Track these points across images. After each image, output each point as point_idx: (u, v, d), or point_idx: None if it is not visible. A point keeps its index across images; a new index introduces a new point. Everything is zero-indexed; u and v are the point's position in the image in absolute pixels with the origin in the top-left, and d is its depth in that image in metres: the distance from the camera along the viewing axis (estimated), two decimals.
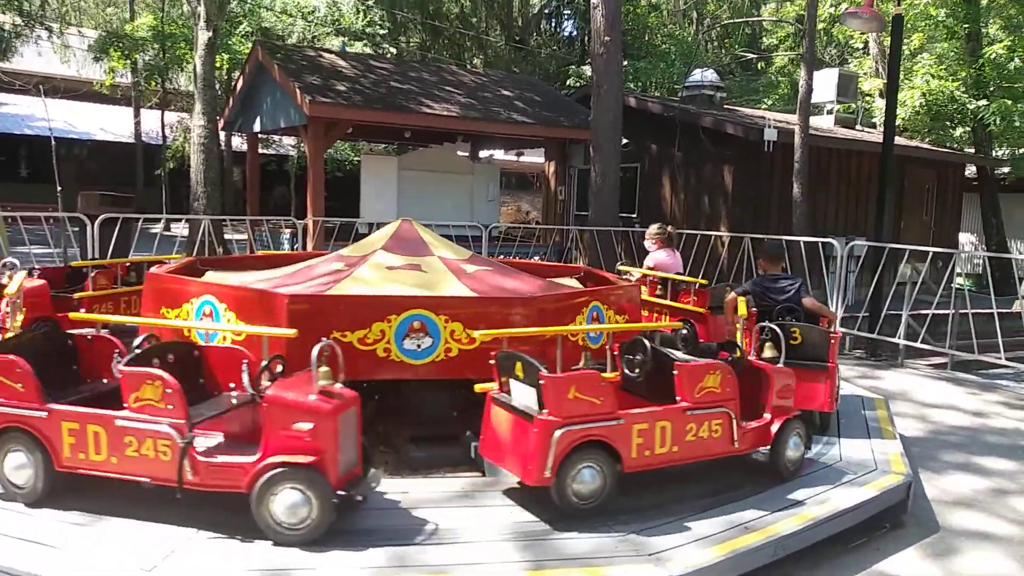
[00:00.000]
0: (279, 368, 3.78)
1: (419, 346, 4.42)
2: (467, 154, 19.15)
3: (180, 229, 15.26)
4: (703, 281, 7.34)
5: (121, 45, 21.39)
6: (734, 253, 11.10)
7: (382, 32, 24.83)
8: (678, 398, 4.03)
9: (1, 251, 10.48)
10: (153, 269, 5.82)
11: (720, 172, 13.43)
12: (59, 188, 13.05)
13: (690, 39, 25.33)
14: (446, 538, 3.53)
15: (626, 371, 4.42)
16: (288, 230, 13.48)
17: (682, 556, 3.44)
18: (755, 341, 4.98)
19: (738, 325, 5.19)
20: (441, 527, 3.63)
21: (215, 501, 3.60)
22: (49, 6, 25.37)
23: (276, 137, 23.15)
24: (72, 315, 5.04)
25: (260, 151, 18.40)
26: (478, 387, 4.23)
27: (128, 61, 21.99)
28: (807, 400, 4.94)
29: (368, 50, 23.33)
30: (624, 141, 12.42)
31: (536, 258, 11.26)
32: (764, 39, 28.69)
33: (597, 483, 3.72)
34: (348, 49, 20.11)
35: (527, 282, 5.66)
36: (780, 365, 4.55)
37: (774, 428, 4.31)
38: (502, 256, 10.98)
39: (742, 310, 5.23)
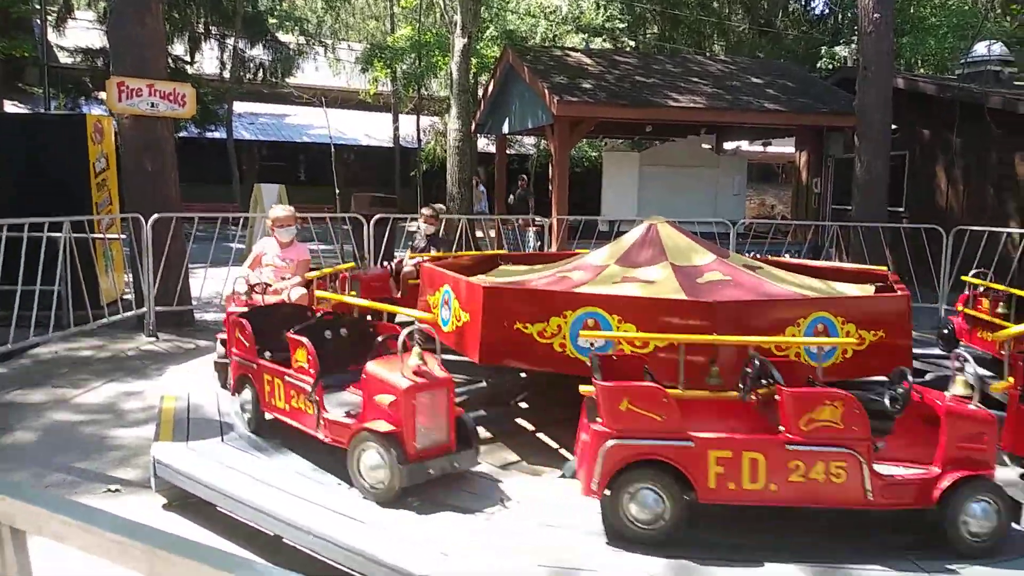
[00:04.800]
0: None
1: (821, 348, 4.30)
2: (711, 146, 18.55)
3: None
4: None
5: (383, 56, 23.37)
6: None
7: (621, 26, 24.83)
8: None
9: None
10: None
11: (1010, 160, 11.78)
12: (337, 191, 14.52)
13: (967, 8, 22.50)
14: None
15: None
16: (534, 228, 13.89)
17: None
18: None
19: None
20: None
21: (504, 494, 3.78)
22: (324, 24, 28.45)
23: (517, 137, 24.00)
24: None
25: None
26: (994, 387, 4.43)
27: (389, 71, 24.01)
28: None
29: (607, 45, 23.45)
30: (892, 127, 11.32)
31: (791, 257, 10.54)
32: None
33: None
34: (590, 46, 20.35)
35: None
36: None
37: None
38: (754, 254, 10.44)
39: None
